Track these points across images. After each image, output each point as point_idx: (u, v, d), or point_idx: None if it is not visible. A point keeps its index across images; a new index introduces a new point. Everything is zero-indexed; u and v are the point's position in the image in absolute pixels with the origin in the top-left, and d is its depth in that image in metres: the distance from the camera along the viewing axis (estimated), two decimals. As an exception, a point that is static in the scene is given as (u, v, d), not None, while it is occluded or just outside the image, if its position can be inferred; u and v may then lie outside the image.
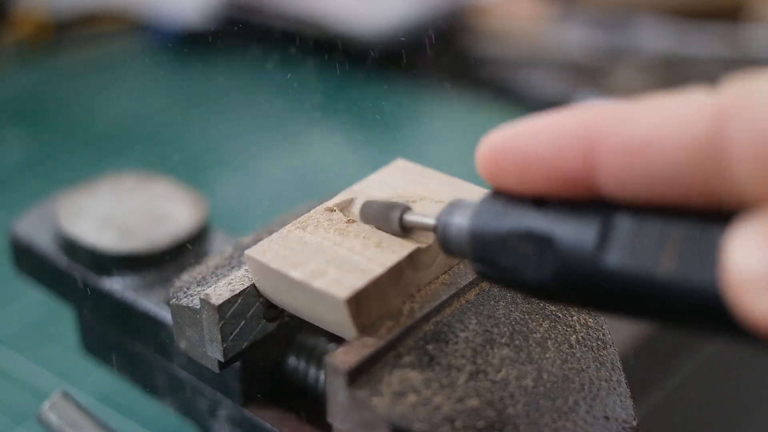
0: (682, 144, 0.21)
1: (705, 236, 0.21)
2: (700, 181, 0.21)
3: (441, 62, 0.77)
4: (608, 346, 0.32)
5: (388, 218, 0.30)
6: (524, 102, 0.76)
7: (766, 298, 0.19)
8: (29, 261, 0.42)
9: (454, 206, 0.27)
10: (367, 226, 0.31)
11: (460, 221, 0.27)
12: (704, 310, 0.21)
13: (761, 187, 0.20)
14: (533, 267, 0.24)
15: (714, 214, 0.21)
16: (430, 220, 0.28)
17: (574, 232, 0.23)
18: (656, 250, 0.22)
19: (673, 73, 0.79)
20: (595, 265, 0.22)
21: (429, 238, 0.30)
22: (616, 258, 0.22)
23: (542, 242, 0.24)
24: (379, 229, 0.31)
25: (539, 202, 0.24)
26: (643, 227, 0.22)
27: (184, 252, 0.39)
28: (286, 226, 0.31)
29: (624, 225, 0.22)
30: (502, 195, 0.25)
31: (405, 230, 0.30)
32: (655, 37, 0.82)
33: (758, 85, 0.20)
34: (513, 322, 0.30)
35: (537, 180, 0.23)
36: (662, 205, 0.22)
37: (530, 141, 0.23)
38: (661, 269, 0.21)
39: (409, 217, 0.30)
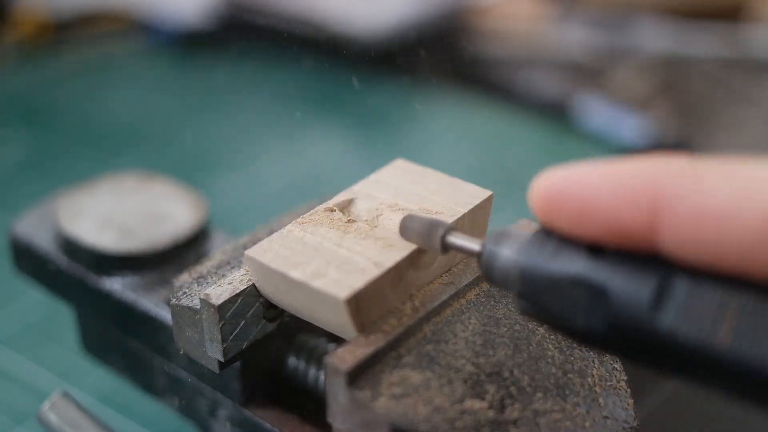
0: (757, 219, 0.20)
1: (766, 311, 0.20)
2: (763, 259, 0.20)
3: (441, 62, 0.77)
4: (608, 346, 0.32)
5: (431, 236, 0.29)
6: (524, 102, 0.76)
7: None
8: (29, 261, 0.42)
9: (502, 236, 0.26)
10: (367, 227, 0.31)
11: (508, 254, 0.26)
12: (758, 386, 0.21)
13: None
14: (584, 315, 0.23)
15: None
16: (476, 246, 0.27)
17: (630, 287, 0.22)
18: (714, 318, 0.21)
19: (673, 74, 0.79)
20: (649, 323, 0.22)
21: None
22: (671, 320, 0.22)
23: (596, 292, 0.23)
24: (417, 244, 0.30)
25: (594, 249, 0.23)
26: (702, 292, 0.21)
27: (184, 252, 0.39)
28: (286, 226, 0.31)
29: (683, 287, 0.22)
30: (554, 234, 0.25)
31: (445, 250, 0.29)
32: (655, 37, 0.82)
33: None
34: (513, 323, 0.30)
35: (594, 229, 0.22)
36: (725, 273, 0.21)
37: (592, 190, 0.22)
38: (718, 338, 0.21)
39: (453, 240, 0.29)
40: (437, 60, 0.78)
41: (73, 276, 0.40)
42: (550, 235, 0.25)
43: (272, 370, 0.35)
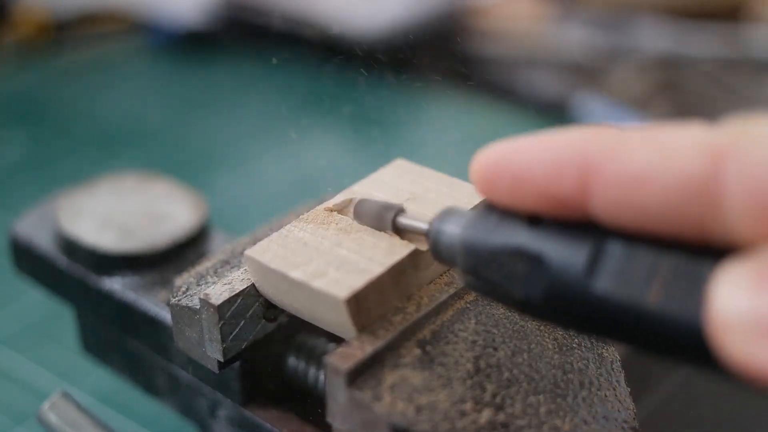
0: (676, 181, 0.21)
1: (694, 272, 0.21)
2: (692, 217, 0.21)
3: (441, 62, 0.77)
4: (608, 346, 0.32)
5: (382, 218, 0.30)
6: (524, 102, 0.76)
7: (749, 343, 0.19)
8: (29, 261, 0.42)
9: (447, 213, 0.27)
10: (367, 227, 0.31)
11: (453, 229, 0.27)
12: (688, 346, 0.21)
13: (752, 229, 0.20)
14: (522, 284, 0.24)
15: (706, 250, 0.21)
16: (423, 225, 0.28)
17: (564, 254, 0.23)
18: (646, 280, 0.22)
19: (673, 73, 0.79)
20: (583, 289, 0.23)
21: (424, 242, 0.30)
22: (604, 284, 0.22)
23: (533, 261, 0.24)
24: (371, 227, 0.31)
25: (532, 219, 0.24)
26: (634, 256, 0.22)
27: (184, 252, 0.39)
28: (286, 226, 0.31)
29: (615, 252, 0.22)
30: (497, 208, 0.25)
31: (397, 232, 0.30)
32: (655, 37, 0.82)
33: (758, 129, 0.20)
34: (513, 323, 0.30)
35: (530, 199, 0.23)
36: (654, 236, 0.22)
37: (525, 161, 0.23)
38: (649, 300, 0.21)
39: (403, 220, 0.30)
40: (437, 60, 0.78)
41: (73, 276, 0.40)
42: (493, 210, 0.25)
43: (272, 370, 0.35)
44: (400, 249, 0.30)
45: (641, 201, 0.21)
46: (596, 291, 0.22)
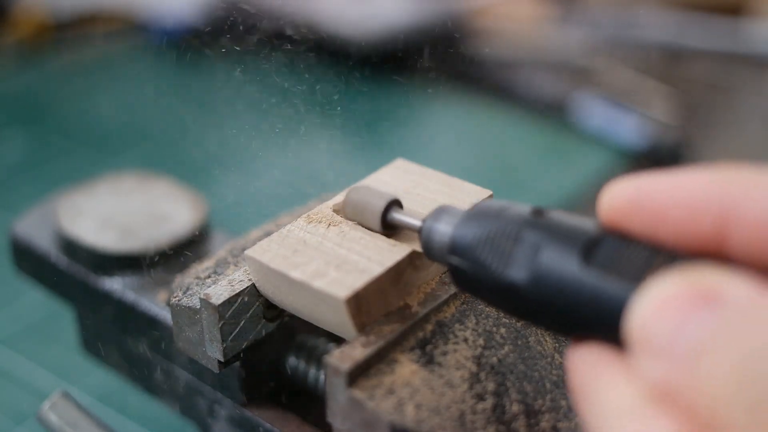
0: None
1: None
2: None
3: (441, 63, 0.77)
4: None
5: (371, 208, 0.30)
6: (524, 102, 0.76)
7: (649, 363, 0.20)
8: (29, 261, 0.42)
9: (441, 212, 0.27)
10: (365, 226, 0.31)
11: (445, 228, 0.27)
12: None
13: None
14: (514, 266, 0.24)
15: None
16: (416, 222, 0.28)
17: (561, 243, 0.24)
18: (639, 272, 0.22)
19: (673, 73, 0.79)
20: (573, 275, 0.23)
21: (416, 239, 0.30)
22: (597, 273, 0.23)
23: (528, 246, 0.24)
24: (356, 219, 0.30)
25: (536, 212, 0.25)
26: (629, 250, 0.23)
27: (184, 252, 0.39)
28: (286, 226, 0.31)
29: (611, 244, 0.23)
30: (491, 205, 0.26)
31: (386, 227, 0.30)
32: (655, 37, 0.82)
33: None
34: (513, 322, 0.30)
35: (665, 236, 0.23)
36: None
37: (662, 201, 0.23)
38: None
39: (396, 215, 0.30)
40: (437, 60, 0.78)
41: (73, 276, 0.40)
42: (488, 207, 0.26)
43: (272, 370, 0.35)
44: (400, 249, 0.30)
45: None
46: (586, 277, 0.23)
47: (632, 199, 0.24)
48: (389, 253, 0.30)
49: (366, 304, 0.29)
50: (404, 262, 0.30)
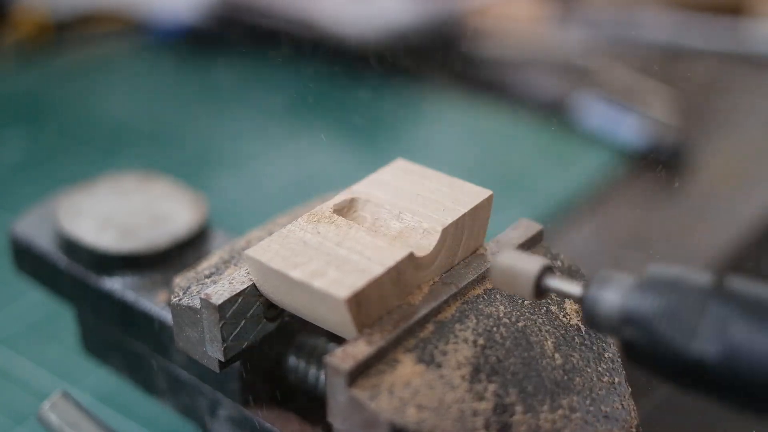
0: None
1: None
2: None
3: (441, 63, 0.78)
4: (608, 346, 0.32)
5: (525, 274, 0.27)
6: (523, 102, 0.76)
7: None
8: (29, 261, 0.42)
9: (605, 280, 0.26)
10: (367, 226, 0.31)
11: (614, 297, 0.25)
12: None
13: None
14: (698, 339, 0.23)
15: None
16: (576, 290, 0.27)
17: (755, 316, 0.22)
18: None
19: (673, 72, 0.79)
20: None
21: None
22: None
23: (716, 319, 0.23)
24: (504, 288, 0.29)
25: (720, 281, 0.24)
26: None
27: (184, 252, 0.39)
28: (286, 226, 0.31)
29: None
30: (666, 273, 0.25)
31: (539, 295, 0.28)
32: (655, 37, 0.82)
33: None
34: (513, 322, 0.30)
35: None
36: None
37: None
38: None
39: (552, 283, 0.27)
40: (436, 60, 0.78)
41: (73, 276, 0.40)
42: (660, 276, 0.24)
43: (272, 370, 0.35)
44: (400, 249, 0.30)
45: None
46: None
47: None
48: (389, 253, 0.30)
49: (366, 304, 0.29)
50: (404, 262, 0.30)
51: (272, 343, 0.34)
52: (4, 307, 0.53)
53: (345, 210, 0.33)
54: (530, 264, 0.27)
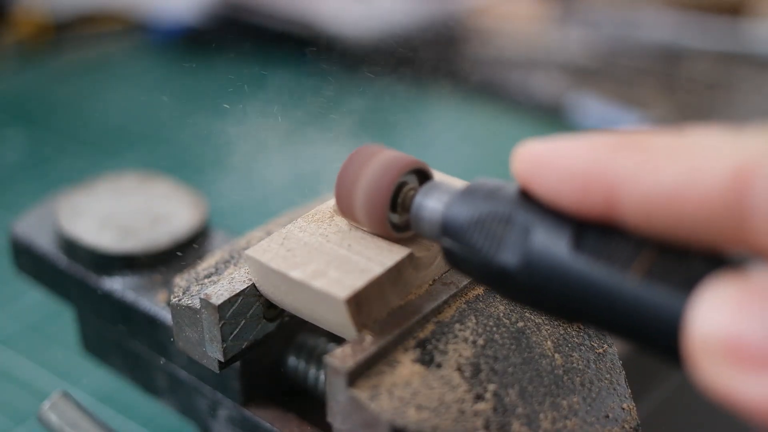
0: (701, 200, 0.20)
1: (685, 263, 0.21)
2: (719, 232, 0.21)
3: (440, 63, 0.78)
4: (608, 346, 0.32)
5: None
6: (523, 102, 0.76)
7: (724, 371, 0.19)
8: (29, 261, 0.42)
9: (432, 188, 0.28)
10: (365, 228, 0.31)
11: (435, 206, 0.27)
12: (660, 340, 0.21)
13: None
14: (505, 249, 0.24)
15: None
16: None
17: (551, 226, 0.23)
18: (628, 257, 0.22)
19: (672, 72, 0.79)
20: (563, 260, 0.23)
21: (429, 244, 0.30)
22: (586, 257, 0.22)
23: (520, 229, 0.24)
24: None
25: (525, 194, 0.25)
26: (618, 236, 0.22)
27: (184, 252, 0.39)
28: (286, 226, 0.31)
29: (599, 231, 0.23)
30: (485, 184, 0.26)
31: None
32: (654, 37, 0.82)
33: None
34: (513, 322, 0.30)
35: (566, 203, 0.23)
36: (681, 242, 0.22)
37: (560, 169, 0.23)
38: (628, 280, 0.21)
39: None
40: (436, 60, 0.78)
41: (73, 276, 0.40)
42: (479, 187, 0.26)
43: (272, 370, 0.35)
44: (400, 249, 0.30)
45: (667, 217, 0.21)
46: (576, 263, 0.22)
47: (535, 161, 0.24)
48: (389, 253, 0.30)
49: (366, 304, 0.29)
50: (404, 262, 0.30)
51: (272, 343, 0.34)
52: (4, 307, 0.53)
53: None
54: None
